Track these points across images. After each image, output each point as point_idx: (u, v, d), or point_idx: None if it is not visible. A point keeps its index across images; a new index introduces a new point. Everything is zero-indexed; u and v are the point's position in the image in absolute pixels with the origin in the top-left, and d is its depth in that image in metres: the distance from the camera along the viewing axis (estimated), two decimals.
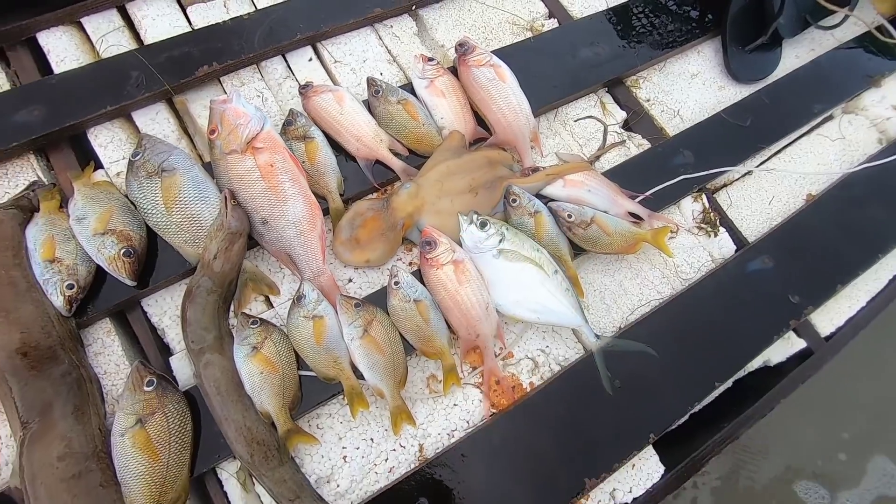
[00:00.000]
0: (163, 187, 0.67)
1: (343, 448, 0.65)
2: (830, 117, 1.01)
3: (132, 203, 0.69)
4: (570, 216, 0.75)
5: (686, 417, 0.76)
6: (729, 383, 0.79)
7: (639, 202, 0.80)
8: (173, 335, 0.68)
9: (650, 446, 0.70)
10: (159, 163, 0.68)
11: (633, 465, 0.70)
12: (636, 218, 0.80)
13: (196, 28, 0.85)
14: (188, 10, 0.88)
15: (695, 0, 1.03)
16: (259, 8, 0.88)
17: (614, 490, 0.69)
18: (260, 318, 0.65)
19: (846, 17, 1.01)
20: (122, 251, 0.64)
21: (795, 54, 1.04)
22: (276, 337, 0.64)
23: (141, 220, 0.68)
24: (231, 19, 0.85)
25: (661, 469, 0.71)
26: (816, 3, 0.99)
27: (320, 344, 0.65)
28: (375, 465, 0.65)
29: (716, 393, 0.76)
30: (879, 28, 1.06)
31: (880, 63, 1.05)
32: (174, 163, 0.68)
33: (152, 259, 0.69)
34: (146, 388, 0.60)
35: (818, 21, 1.02)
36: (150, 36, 0.84)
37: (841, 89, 1.01)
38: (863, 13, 1.06)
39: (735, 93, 0.98)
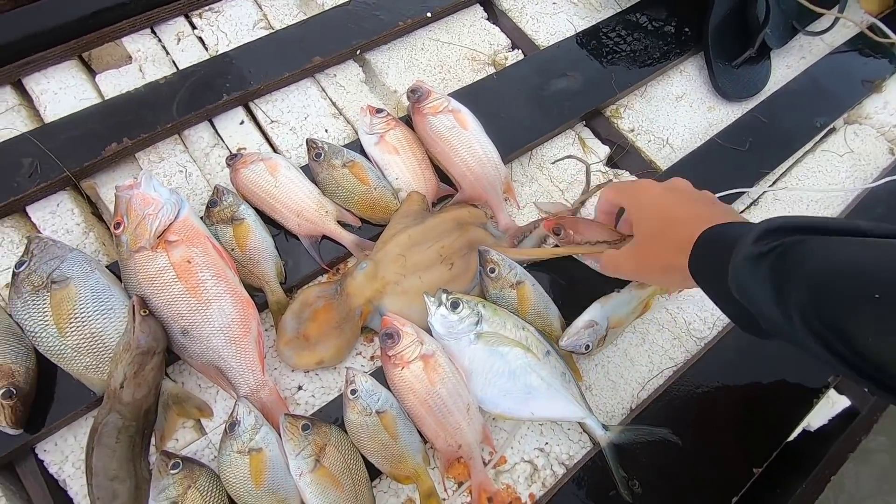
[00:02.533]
0: (52, 303, 0.54)
1: None
2: (833, 130, 0.91)
3: (18, 325, 0.56)
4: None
5: None
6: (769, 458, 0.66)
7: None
8: (78, 487, 0.54)
9: None
10: (48, 272, 0.55)
11: None
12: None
13: (106, 99, 0.74)
14: (98, 78, 0.76)
15: (669, 14, 0.93)
16: (179, 69, 0.77)
17: None
18: (182, 458, 0.52)
19: (836, 20, 0.92)
20: (2, 392, 0.51)
21: (786, 64, 0.94)
22: (204, 483, 0.51)
23: (29, 346, 0.55)
24: (144, 85, 0.73)
25: None
26: (802, 8, 0.90)
27: (260, 485, 0.51)
28: None
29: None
30: (871, 28, 0.97)
31: (878, 66, 0.96)
32: (67, 270, 0.55)
33: (48, 392, 0.55)
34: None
35: (806, 26, 0.93)
36: (52, 112, 0.72)
37: (840, 99, 0.91)
38: (852, 13, 0.98)
39: (727, 113, 0.88)
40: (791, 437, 0.66)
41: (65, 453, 0.55)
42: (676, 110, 0.87)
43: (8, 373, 0.52)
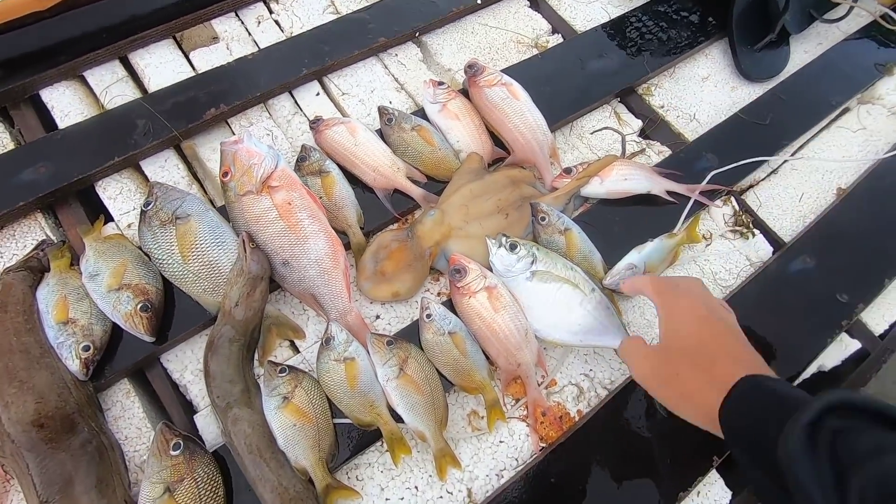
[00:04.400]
0: (178, 235, 0.64)
1: (386, 500, 0.60)
2: (847, 109, 0.99)
3: (146, 255, 0.66)
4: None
5: None
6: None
7: (671, 185, 0.78)
8: (196, 391, 0.64)
9: (714, 470, 0.65)
10: (172, 210, 0.65)
11: (699, 493, 0.65)
12: (675, 196, 0.78)
13: (200, 72, 0.84)
14: (190, 55, 0.87)
15: (694, 4, 1.02)
16: (262, 48, 0.87)
17: None
18: (288, 366, 0.61)
19: (851, 8, 1.00)
20: (139, 306, 0.61)
21: (804, 49, 1.02)
22: (308, 384, 0.60)
23: (156, 271, 0.65)
24: (235, 60, 0.83)
25: (729, 494, 0.65)
26: None
27: (354, 388, 0.61)
28: None
29: None
30: (884, 16, 1.05)
31: (889, 52, 1.03)
32: (188, 209, 0.65)
33: (170, 312, 0.65)
34: (173, 453, 0.55)
35: (823, 15, 1.01)
36: (154, 84, 0.83)
37: (854, 80, 0.99)
38: (866, 3, 1.06)
39: (749, 92, 0.96)
40: (806, 375, 0.75)
41: (184, 363, 0.65)
42: (702, 89, 0.96)
43: (143, 290, 0.62)
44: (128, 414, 0.62)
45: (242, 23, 0.91)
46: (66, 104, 0.79)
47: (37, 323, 0.61)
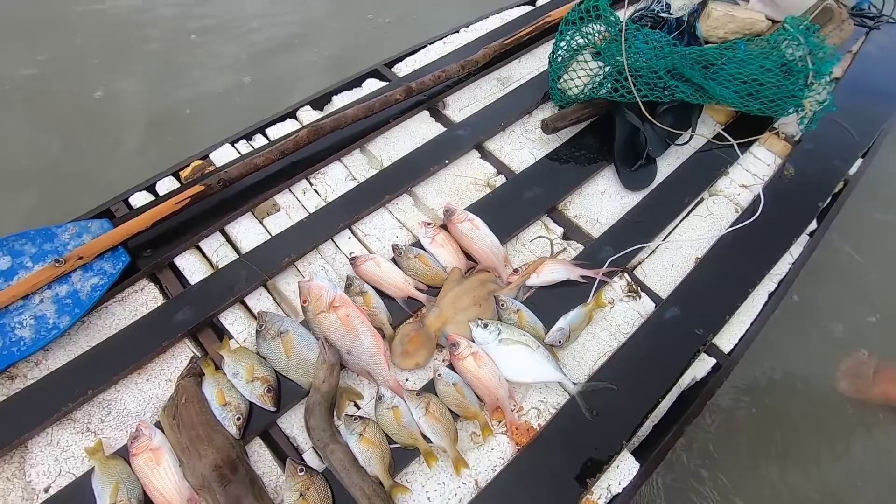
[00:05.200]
0: (283, 344, 1.06)
1: (426, 491, 0.99)
2: (701, 200, 1.46)
3: (263, 357, 1.08)
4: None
5: (649, 428, 1.11)
6: (673, 398, 1.15)
7: (584, 272, 1.22)
8: (301, 439, 1.04)
9: (625, 451, 1.05)
10: (278, 329, 1.08)
11: (617, 466, 1.04)
12: (587, 278, 1.21)
13: (273, 234, 1.29)
14: (264, 221, 1.32)
15: (592, 142, 1.52)
16: (311, 212, 1.34)
17: (609, 485, 1.02)
18: (359, 416, 1.02)
19: (692, 136, 1.51)
20: (266, 389, 1.02)
21: (667, 164, 1.52)
22: (372, 425, 1.01)
23: (271, 367, 1.06)
24: (294, 224, 1.29)
25: (637, 465, 1.04)
26: (671, 131, 1.49)
27: (400, 424, 1.01)
28: (449, 499, 0.99)
29: (665, 405, 1.13)
30: (717, 136, 1.56)
31: (725, 158, 1.53)
32: (286, 326, 1.08)
33: (280, 391, 1.06)
34: (300, 474, 0.94)
35: (675, 141, 1.52)
36: (245, 246, 1.28)
37: (703, 181, 1.48)
38: (705, 127, 1.57)
39: (633, 199, 1.44)
40: (686, 384, 1.16)
41: (292, 423, 1.05)
42: (601, 201, 1.44)
43: (267, 380, 1.03)
44: (262, 459, 1.01)
45: (293, 194, 1.38)
46: (192, 266, 1.24)
47: (207, 406, 1.01)
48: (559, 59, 1.53)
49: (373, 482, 0.96)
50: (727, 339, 1.22)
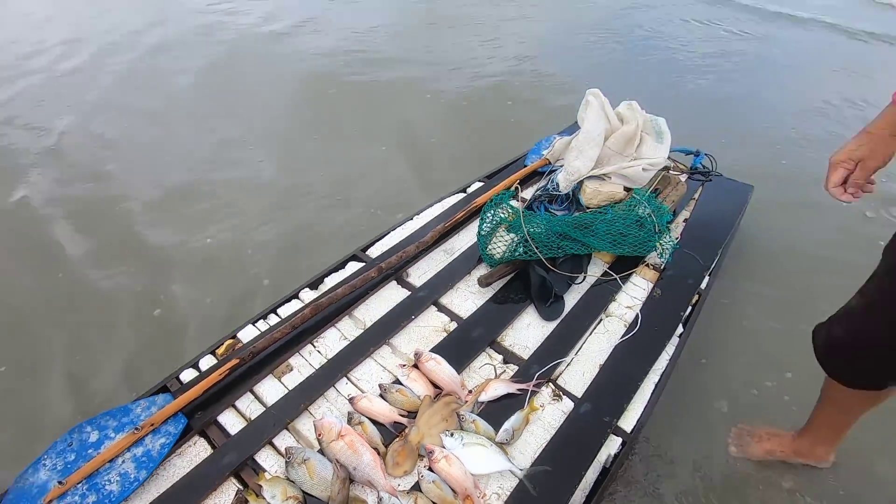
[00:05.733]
0: (307, 469, 1.46)
1: None
2: (599, 321, 2.02)
3: (292, 481, 1.46)
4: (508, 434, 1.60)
5: (582, 497, 1.51)
6: (597, 471, 1.56)
7: (519, 386, 1.69)
8: None
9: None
10: (302, 458, 1.48)
11: None
12: (522, 390, 1.67)
13: (290, 388, 1.74)
14: (282, 380, 1.78)
15: (516, 290, 2.10)
16: (316, 368, 1.81)
17: None
18: None
19: (585, 277, 2.12)
20: None
21: (572, 298, 2.09)
22: None
23: (299, 488, 1.45)
24: (305, 379, 1.76)
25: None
26: (569, 275, 2.09)
27: None
28: None
29: (591, 478, 1.53)
30: (605, 273, 2.17)
31: (612, 288, 2.13)
32: (308, 455, 1.49)
33: None
34: None
35: (574, 282, 2.12)
36: (269, 400, 1.71)
37: (599, 307, 2.04)
38: (596, 267, 2.19)
39: (550, 327, 1.97)
40: (605, 460, 1.59)
41: None
42: (528, 331, 1.97)
43: (297, 497, 1.41)
44: None
45: (303, 357, 1.86)
46: (231, 421, 1.65)
47: None
48: (483, 233, 2.18)
49: None
50: (628, 421, 1.67)
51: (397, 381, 1.74)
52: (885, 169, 1.23)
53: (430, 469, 1.51)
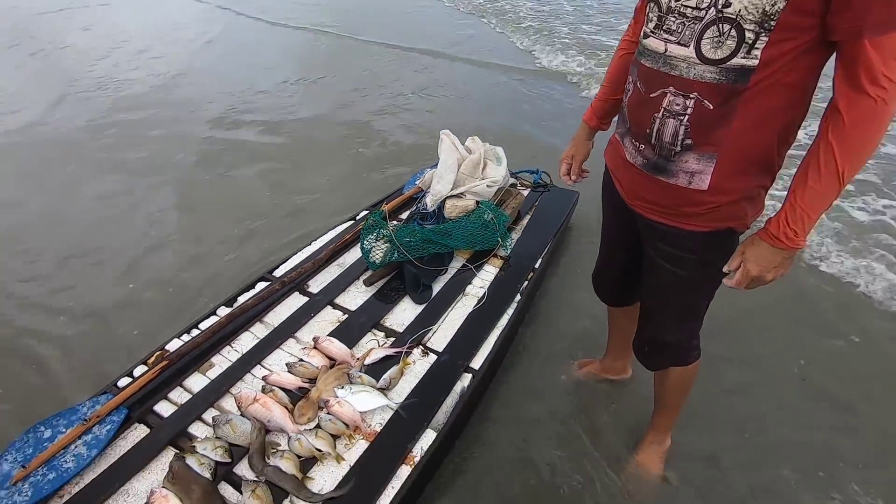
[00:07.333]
0: (230, 427, 1.91)
1: (323, 479, 1.81)
2: (459, 299, 2.63)
3: (218, 437, 1.90)
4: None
5: (442, 418, 2.06)
6: (455, 399, 2.13)
7: (396, 349, 2.25)
8: (247, 475, 1.82)
9: (427, 428, 1.97)
10: (226, 419, 1.92)
11: (423, 437, 1.95)
12: (398, 353, 2.23)
13: (212, 379, 2.18)
14: (206, 374, 2.21)
15: (395, 285, 2.68)
16: (233, 361, 2.25)
17: (420, 447, 1.92)
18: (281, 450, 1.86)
19: (446, 268, 2.76)
20: (224, 451, 1.84)
21: (438, 285, 2.70)
22: (289, 454, 1.85)
23: (225, 440, 1.89)
24: (225, 369, 2.20)
25: (434, 434, 1.96)
26: (434, 269, 2.71)
27: (302, 447, 1.86)
28: (337, 478, 1.81)
29: (449, 405, 2.10)
30: (464, 265, 2.82)
31: (469, 275, 2.77)
32: (231, 417, 1.93)
33: (232, 452, 1.87)
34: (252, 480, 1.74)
35: (439, 273, 2.74)
36: (196, 390, 2.14)
37: (459, 289, 2.67)
38: (457, 261, 2.84)
39: (420, 308, 2.56)
40: (459, 392, 2.17)
41: (241, 468, 1.84)
42: (404, 314, 2.53)
43: (224, 446, 1.85)
44: (226, 491, 1.78)
45: (222, 356, 2.30)
46: (165, 408, 2.06)
47: (191, 469, 1.79)
48: (365, 247, 2.77)
49: (291, 478, 1.78)
50: (477, 362, 2.27)
51: (300, 360, 2.24)
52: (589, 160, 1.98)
53: (328, 413, 2.00)
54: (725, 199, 1.41)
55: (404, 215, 3.26)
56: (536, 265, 2.88)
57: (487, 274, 2.81)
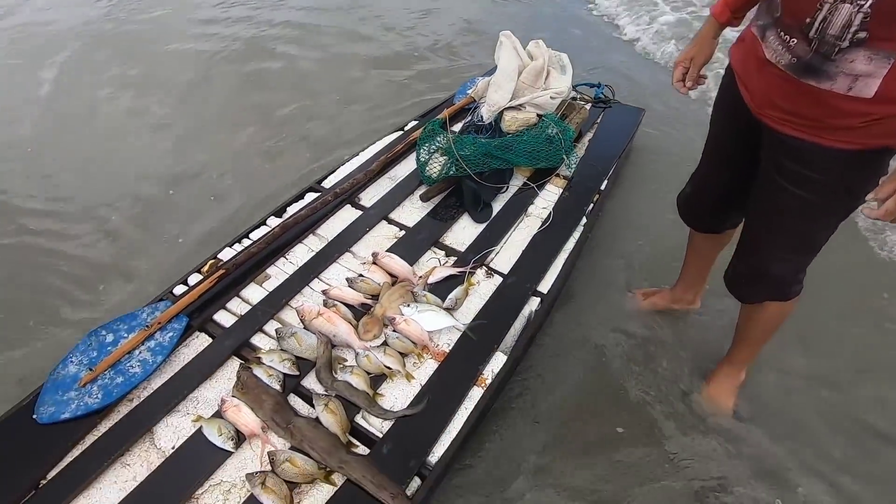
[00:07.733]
0: (296, 339, 1.84)
1: (394, 396, 1.77)
2: (521, 219, 2.47)
3: (284, 350, 1.84)
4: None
5: (511, 340, 1.98)
6: (523, 322, 2.03)
7: (459, 269, 2.13)
8: (317, 389, 1.78)
9: (497, 351, 1.90)
10: (290, 332, 1.85)
11: (494, 360, 1.88)
12: (462, 273, 2.12)
13: (269, 291, 2.09)
14: (263, 285, 2.12)
15: (452, 201, 2.51)
16: (289, 274, 2.16)
17: (491, 370, 1.85)
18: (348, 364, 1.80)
19: (507, 186, 2.57)
20: (291, 363, 1.78)
21: (498, 204, 2.53)
22: (358, 371, 1.79)
23: (291, 353, 1.83)
24: (283, 282, 2.11)
25: (504, 357, 1.89)
26: (495, 186, 2.52)
27: (371, 363, 1.80)
28: (409, 396, 1.77)
29: (518, 327, 2.01)
30: (525, 184, 2.63)
31: (531, 194, 2.58)
32: (295, 329, 1.86)
33: (299, 365, 1.81)
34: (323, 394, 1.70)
35: (500, 191, 2.55)
36: (254, 301, 2.06)
37: (520, 209, 2.49)
38: (517, 179, 2.64)
39: (481, 228, 2.41)
40: (527, 315, 2.07)
41: (310, 381, 1.80)
42: (464, 232, 2.39)
43: (291, 358, 1.80)
44: (296, 403, 1.74)
45: (278, 267, 2.20)
46: (225, 318, 1.99)
47: (260, 380, 1.74)
48: (421, 159, 2.57)
49: (363, 394, 1.73)
50: (545, 286, 2.16)
51: (361, 276, 2.13)
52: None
53: (395, 331, 1.93)
54: (892, 110, 1.18)
55: (456, 127, 3.02)
56: (602, 187, 2.67)
57: (550, 194, 2.62)
